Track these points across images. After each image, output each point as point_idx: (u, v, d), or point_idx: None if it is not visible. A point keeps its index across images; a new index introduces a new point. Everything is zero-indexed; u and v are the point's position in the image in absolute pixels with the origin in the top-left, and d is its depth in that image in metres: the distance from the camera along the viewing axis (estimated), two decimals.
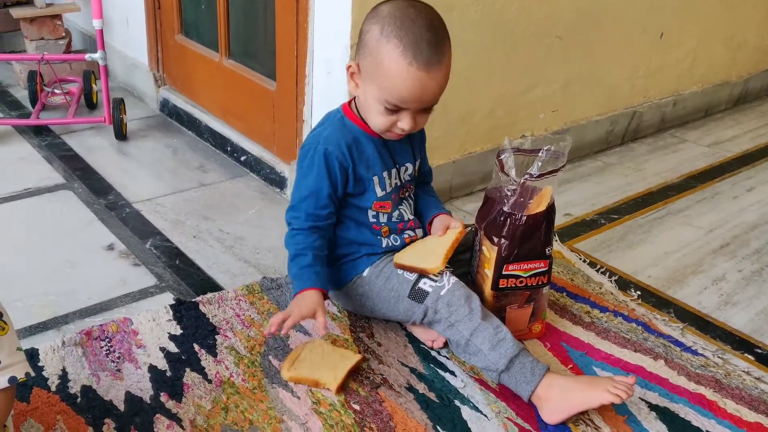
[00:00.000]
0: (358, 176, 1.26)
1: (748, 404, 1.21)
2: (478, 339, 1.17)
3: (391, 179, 1.30)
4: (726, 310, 1.49)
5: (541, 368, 1.15)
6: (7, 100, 2.43)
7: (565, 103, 2.08)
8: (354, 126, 1.26)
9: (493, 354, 1.16)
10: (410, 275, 1.25)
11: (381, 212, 1.30)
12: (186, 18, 2.21)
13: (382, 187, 1.29)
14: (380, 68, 1.13)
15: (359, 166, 1.25)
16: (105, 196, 1.80)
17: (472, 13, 1.69)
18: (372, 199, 1.28)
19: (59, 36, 2.51)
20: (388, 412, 1.13)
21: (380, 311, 1.30)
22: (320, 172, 1.23)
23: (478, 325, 1.17)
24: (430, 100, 1.17)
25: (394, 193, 1.31)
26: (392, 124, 1.20)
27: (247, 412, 1.11)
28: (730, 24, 2.57)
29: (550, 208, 1.25)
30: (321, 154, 1.22)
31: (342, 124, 1.26)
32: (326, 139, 1.24)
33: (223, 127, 2.08)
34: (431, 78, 1.12)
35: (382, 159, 1.28)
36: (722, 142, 2.46)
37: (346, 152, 1.23)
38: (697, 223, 1.85)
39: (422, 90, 1.13)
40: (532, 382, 1.14)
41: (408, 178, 1.34)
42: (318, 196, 1.23)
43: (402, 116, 1.18)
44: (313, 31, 1.63)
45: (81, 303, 1.37)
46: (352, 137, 1.25)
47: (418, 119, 1.20)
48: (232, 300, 1.37)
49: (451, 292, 1.21)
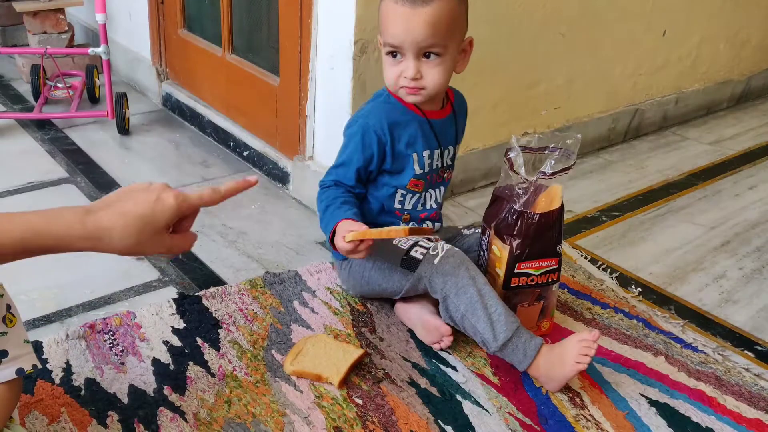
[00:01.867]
0: (396, 153, 1.29)
1: (747, 401, 1.21)
2: (474, 317, 1.19)
3: (433, 160, 1.33)
4: (726, 308, 1.50)
5: (534, 347, 1.18)
6: (10, 94, 2.44)
7: (568, 99, 2.09)
8: (398, 103, 1.30)
9: (487, 334, 1.19)
10: (404, 244, 1.28)
11: (411, 192, 1.33)
12: (189, 12, 2.21)
13: (421, 165, 1.32)
14: (380, 18, 1.23)
15: (398, 142, 1.29)
16: (108, 190, 1.80)
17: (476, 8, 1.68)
18: (410, 176, 1.32)
19: (62, 30, 2.51)
20: (390, 407, 1.14)
21: (376, 283, 1.33)
22: (356, 146, 1.28)
23: (472, 302, 1.19)
24: (418, 36, 1.19)
25: (431, 174, 1.34)
26: (399, 75, 1.24)
27: (250, 406, 1.12)
28: (733, 22, 2.57)
29: (562, 205, 1.26)
30: (360, 127, 1.28)
31: (387, 101, 1.31)
32: (368, 113, 1.30)
33: (226, 122, 2.09)
34: (416, 14, 1.17)
35: (426, 138, 1.31)
36: (724, 140, 2.46)
37: (386, 128, 1.27)
38: (699, 221, 1.86)
39: (407, 24, 1.18)
40: (524, 363, 1.18)
41: (449, 162, 1.38)
42: (348, 168, 1.29)
43: (405, 64, 1.22)
44: (317, 26, 1.64)
45: (84, 296, 1.37)
46: (396, 113, 1.29)
47: (423, 70, 1.23)
48: (235, 294, 1.38)
49: (444, 261, 1.22)
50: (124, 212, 0.78)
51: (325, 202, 1.28)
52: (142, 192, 0.81)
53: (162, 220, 0.80)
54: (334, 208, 1.26)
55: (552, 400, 1.18)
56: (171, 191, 0.82)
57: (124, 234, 0.78)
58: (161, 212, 0.80)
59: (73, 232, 0.76)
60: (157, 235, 0.81)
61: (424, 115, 1.31)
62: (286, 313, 1.35)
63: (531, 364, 1.18)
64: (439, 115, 1.33)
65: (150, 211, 0.79)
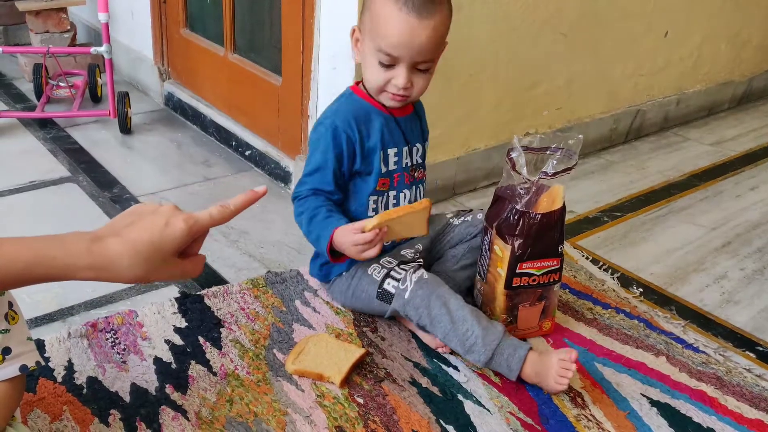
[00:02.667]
0: (365, 150, 1.26)
1: (749, 401, 1.22)
2: (451, 343, 1.21)
3: (401, 158, 1.31)
4: (728, 308, 1.50)
5: (518, 360, 1.18)
6: (12, 93, 2.44)
7: (569, 100, 2.09)
8: (362, 101, 1.28)
9: (468, 357, 1.21)
10: (378, 274, 1.28)
11: (379, 193, 1.30)
12: (191, 12, 2.21)
13: (386, 163, 1.29)
14: (375, 18, 1.17)
15: (367, 139, 1.26)
16: (110, 190, 1.80)
17: (478, 8, 1.69)
18: (377, 178, 1.29)
19: (64, 29, 2.51)
20: (391, 406, 1.14)
21: (358, 308, 1.35)
22: (327, 147, 1.24)
23: (447, 331, 1.20)
24: (420, 50, 1.16)
25: (401, 173, 1.32)
26: (387, 82, 1.21)
27: (252, 405, 1.12)
28: (734, 22, 2.57)
29: (564, 206, 1.26)
30: (328, 127, 1.25)
31: (351, 99, 1.29)
32: (334, 112, 1.27)
33: (228, 122, 2.09)
34: (421, 25, 1.14)
35: (392, 135, 1.29)
36: (725, 141, 2.46)
37: (353, 125, 1.25)
38: (700, 222, 1.86)
39: (411, 35, 1.14)
40: (511, 375, 1.19)
41: (419, 160, 1.35)
42: (324, 172, 1.25)
43: (396, 72, 1.19)
44: (320, 25, 1.64)
45: (86, 295, 1.38)
46: (361, 111, 1.27)
47: (414, 79, 1.20)
48: (236, 293, 1.38)
49: (414, 294, 1.22)
50: (132, 239, 0.75)
51: (308, 213, 1.24)
52: (150, 216, 0.78)
53: (171, 247, 0.77)
54: (321, 218, 1.22)
55: (553, 400, 1.18)
56: (180, 214, 0.78)
57: (133, 263, 0.75)
58: (171, 238, 0.77)
59: (80, 262, 0.73)
60: (167, 261, 0.78)
61: (390, 113, 1.28)
62: (287, 313, 1.35)
63: (519, 374, 1.19)
64: (403, 113, 1.31)
65: (159, 237, 0.76)
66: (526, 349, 1.19)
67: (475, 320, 1.19)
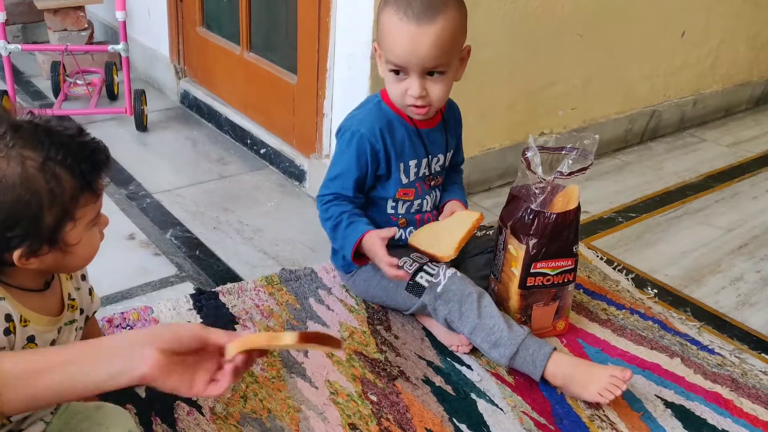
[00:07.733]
0: (389, 158, 1.29)
1: (764, 404, 1.21)
2: (477, 338, 1.22)
3: (420, 168, 1.32)
4: (743, 310, 1.49)
5: (543, 357, 1.18)
6: (30, 90, 2.46)
7: (585, 100, 2.08)
8: (389, 110, 1.29)
9: (493, 353, 1.21)
10: (409, 266, 1.28)
11: (403, 200, 1.33)
12: (207, 10, 2.22)
13: (407, 174, 1.31)
14: (381, 32, 1.20)
15: (390, 148, 1.28)
16: (126, 187, 1.82)
17: (495, 8, 1.69)
18: (397, 186, 1.31)
19: (82, 27, 2.53)
20: (404, 404, 1.14)
21: (380, 299, 1.35)
22: (351, 155, 1.27)
23: (475, 325, 1.21)
24: (426, 57, 1.17)
25: (419, 182, 1.34)
26: (404, 93, 1.22)
27: (266, 401, 1.12)
28: (753, 23, 2.55)
29: (578, 205, 1.26)
30: (355, 136, 1.27)
31: (378, 108, 1.30)
32: (360, 121, 1.28)
33: (243, 120, 2.10)
34: (422, 33, 1.15)
35: (414, 147, 1.31)
36: (742, 142, 2.44)
37: (378, 135, 1.27)
38: (716, 223, 1.85)
39: (413, 44, 1.16)
40: (535, 373, 1.19)
41: (438, 169, 1.36)
42: (345, 179, 1.28)
43: (409, 82, 1.20)
44: (335, 24, 1.64)
45: (102, 291, 1.38)
46: (386, 121, 1.28)
47: (428, 87, 1.21)
48: (251, 290, 1.39)
49: (446, 288, 1.23)
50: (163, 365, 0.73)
51: (331, 222, 1.29)
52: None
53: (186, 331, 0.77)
54: (344, 227, 1.27)
55: (567, 400, 1.18)
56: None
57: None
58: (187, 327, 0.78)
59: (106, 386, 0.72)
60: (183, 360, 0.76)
61: (414, 125, 1.30)
62: (301, 310, 1.35)
63: (543, 372, 1.18)
64: (429, 125, 1.32)
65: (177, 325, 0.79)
66: (551, 348, 1.19)
67: (502, 317, 1.21)
